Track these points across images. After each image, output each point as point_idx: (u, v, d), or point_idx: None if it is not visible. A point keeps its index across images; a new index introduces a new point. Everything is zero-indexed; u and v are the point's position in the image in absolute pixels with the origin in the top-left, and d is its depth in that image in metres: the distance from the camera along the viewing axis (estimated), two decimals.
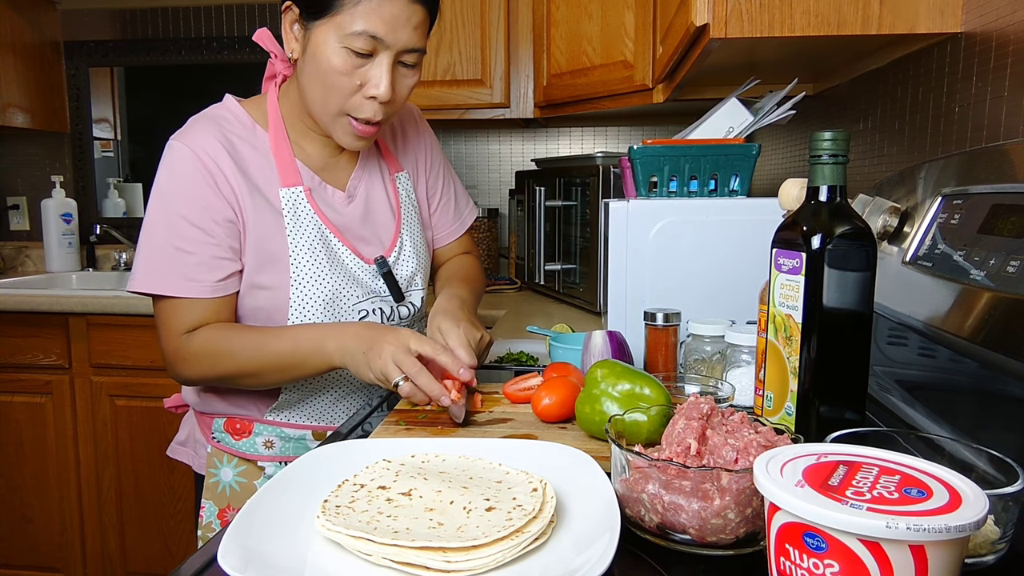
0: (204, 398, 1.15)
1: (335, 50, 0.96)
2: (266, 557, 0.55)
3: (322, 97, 1.00)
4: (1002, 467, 0.54)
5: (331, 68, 0.96)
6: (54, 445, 2.28)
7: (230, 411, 1.14)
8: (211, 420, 1.16)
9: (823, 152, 0.69)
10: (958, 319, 0.73)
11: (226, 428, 1.14)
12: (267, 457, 1.14)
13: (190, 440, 1.22)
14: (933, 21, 1.00)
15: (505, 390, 1.01)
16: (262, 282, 1.05)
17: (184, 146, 1.02)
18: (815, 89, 1.61)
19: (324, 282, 1.06)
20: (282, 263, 1.04)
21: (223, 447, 1.14)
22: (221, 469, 1.15)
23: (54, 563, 2.32)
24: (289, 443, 1.14)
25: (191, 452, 1.21)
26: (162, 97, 2.89)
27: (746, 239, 1.20)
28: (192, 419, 1.22)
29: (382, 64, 0.97)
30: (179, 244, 1.01)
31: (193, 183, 1.01)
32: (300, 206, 1.06)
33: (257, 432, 1.14)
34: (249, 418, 1.14)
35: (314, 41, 0.97)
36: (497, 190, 2.78)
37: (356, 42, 0.95)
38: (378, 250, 1.13)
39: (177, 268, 1.01)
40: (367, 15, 0.94)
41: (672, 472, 0.56)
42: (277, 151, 1.07)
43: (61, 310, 2.19)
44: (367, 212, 1.14)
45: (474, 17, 2.25)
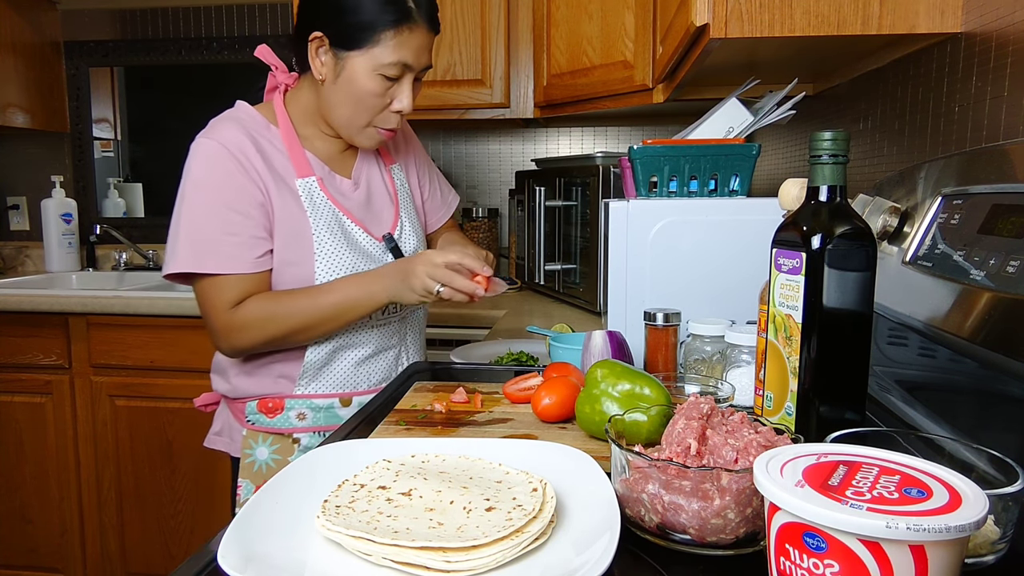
0: (236, 385, 1.25)
1: (370, 76, 1.13)
2: (266, 557, 0.55)
3: (353, 114, 1.17)
4: (1002, 467, 0.54)
5: (367, 91, 1.14)
6: (54, 445, 2.28)
7: (262, 392, 1.24)
8: (244, 405, 1.25)
9: (823, 152, 0.69)
10: (958, 319, 0.73)
11: (259, 409, 1.24)
12: (301, 428, 1.25)
13: (225, 429, 1.31)
14: (933, 21, 1.00)
15: (505, 390, 1.01)
16: (290, 259, 1.17)
17: (214, 141, 1.14)
18: (815, 89, 1.61)
19: (342, 257, 1.19)
20: (306, 241, 1.17)
21: (257, 428, 1.25)
22: (256, 449, 1.25)
23: (54, 564, 2.32)
24: (320, 412, 1.25)
25: (227, 440, 1.31)
26: (162, 97, 2.89)
27: (746, 239, 1.20)
28: (225, 410, 1.32)
29: (406, 84, 1.16)
30: (222, 227, 1.13)
31: (228, 172, 1.13)
32: (315, 193, 1.20)
33: (289, 407, 1.24)
34: (280, 395, 1.24)
35: (349, 69, 1.13)
36: (497, 190, 2.78)
37: (390, 70, 1.12)
38: (383, 229, 1.28)
39: (221, 248, 1.12)
40: (398, 47, 1.11)
41: (672, 472, 0.56)
42: (290, 146, 1.20)
43: (61, 310, 2.19)
44: (370, 197, 1.29)
45: (474, 17, 2.25)
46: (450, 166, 2.79)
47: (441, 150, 2.79)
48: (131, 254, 2.86)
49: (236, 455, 1.28)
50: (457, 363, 1.33)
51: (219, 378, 1.28)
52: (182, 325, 2.16)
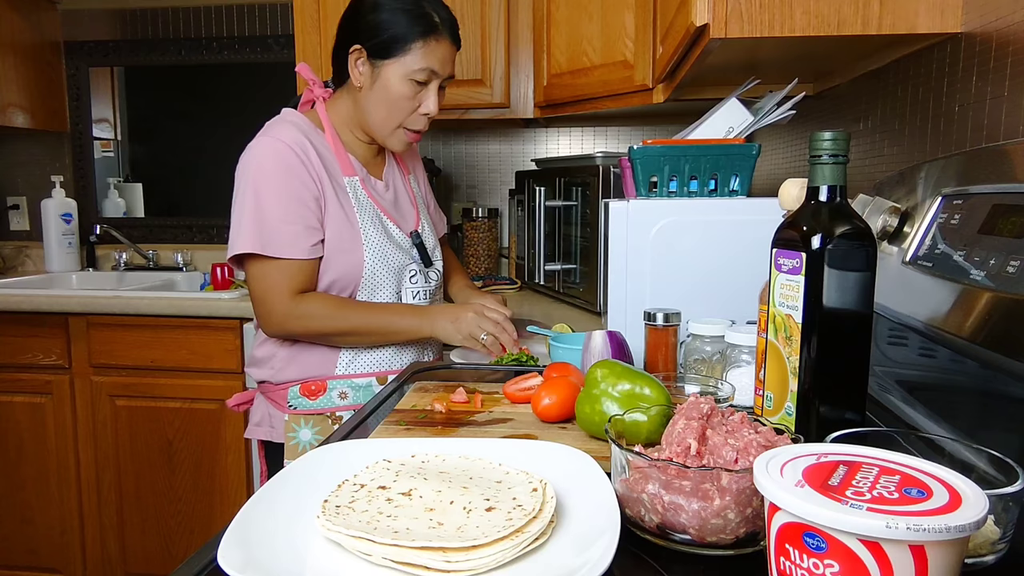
0: (280, 367, 1.37)
1: (402, 81, 1.30)
2: (266, 557, 0.55)
3: (387, 116, 1.33)
4: (1002, 467, 0.54)
5: (400, 95, 1.31)
6: (54, 445, 2.28)
7: (305, 376, 1.37)
8: (286, 392, 1.38)
9: (823, 152, 0.69)
10: (958, 319, 0.73)
11: (302, 393, 1.37)
12: (344, 407, 1.38)
13: (264, 420, 1.42)
14: (933, 21, 1.00)
15: (505, 390, 1.01)
16: (343, 247, 1.32)
17: (276, 140, 1.28)
18: (815, 89, 1.61)
19: (384, 247, 1.35)
20: (355, 232, 1.33)
21: (300, 411, 1.37)
22: (300, 431, 1.37)
23: (54, 564, 2.32)
24: (359, 391, 1.38)
25: (267, 428, 1.42)
26: (162, 97, 2.89)
27: (746, 239, 1.20)
28: (262, 402, 1.43)
29: (433, 90, 1.33)
30: (285, 215, 1.26)
31: (291, 166, 1.27)
32: (358, 191, 1.36)
33: (332, 388, 1.37)
34: (323, 377, 1.37)
35: (384, 75, 1.30)
36: (497, 190, 2.78)
37: (419, 76, 1.30)
38: (408, 227, 1.45)
39: (284, 234, 1.26)
40: (426, 56, 1.29)
41: (672, 472, 0.56)
42: (336, 149, 1.36)
43: (61, 310, 2.19)
44: (396, 198, 1.46)
45: (474, 17, 2.25)
46: (450, 166, 2.79)
47: (441, 150, 2.79)
48: (131, 254, 2.86)
49: (277, 440, 1.40)
50: (457, 363, 1.33)
51: (261, 368, 1.40)
52: (182, 325, 2.16)
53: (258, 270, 1.28)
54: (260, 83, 2.78)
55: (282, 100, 1.47)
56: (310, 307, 1.28)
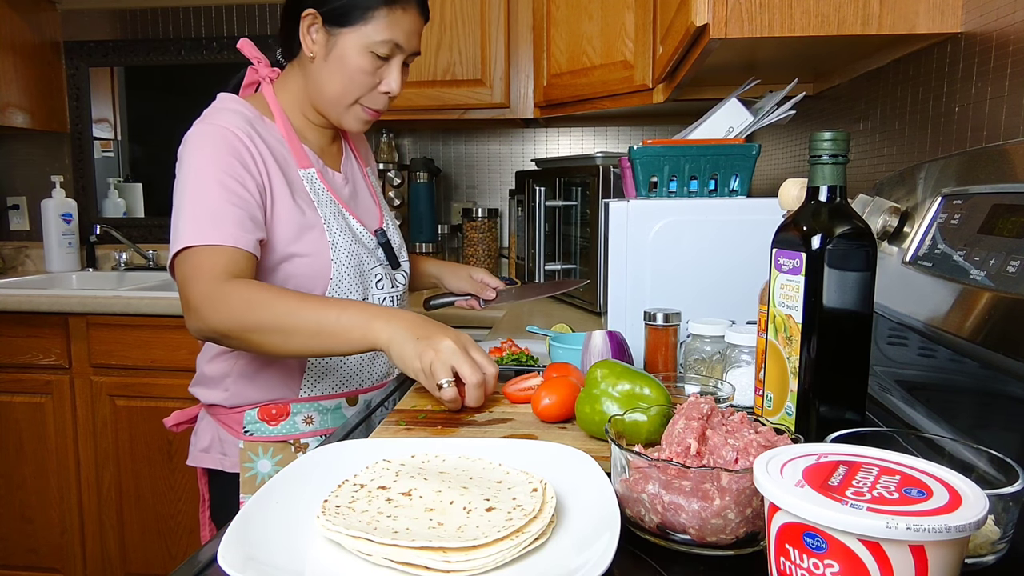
0: (236, 390, 1.19)
1: (362, 54, 1.13)
2: (266, 557, 0.55)
3: (342, 91, 1.16)
4: (1002, 467, 0.54)
5: (357, 68, 1.14)
6: (54, 445, 2.28)
7: (264, 398, 1.19)
8: (241, 416, 1.19)
9: (823, 152, 0.69)
10: (958, 319, 0.73)
11: (260, 417, 1.19)
12: (309, 433, 1.21)
13: (215, 444, 1.23)
14: (933, 21, 1.00)
15: (505, 390, 1.01)
16: (300, 250, 1.14)
17: (217, 125, 1.11)
18: (815, 89, 1.61)
19: (351, 247, 1.19)
20: (317, 230, 1.16)
21: (257, 438, 1.19)
22: (258, 462, 1.19)
23: (54, 564, 2.32)
24: (327, 414, 1.23)
25: (218, 455, 1.22)
26: (162, 97, 2.89)
27: (746, 239, 1.20)
28: (211, 424, 1.24)
29: (395, 66, 1.18)
30: (225, 200, 1.06)
31: (233, 151, 1.09)
32: (317, 185, 1.20)
33: (295, 411, 1.21)
34: (284, 400, 1.20)
35: (340, 45, 1.13)
36: (497, 190, 2.78)
37: (381, 48, 1.14)
38: (371, 224, 1.29)
39: (230, 220, 1.05)
40: (390, 26, 1.13)
41: (672, 472, 0.56)
42: (288, 138, 1.19)
43: (61, 310, 2.19)
44: (356, 193, 1.31)
45: (474, 17, 2.25)
46: (450, 166, 2.79)
47: (441, 150, 2.79)
48: (131, 254, 2.86)
49: (230, 471, 1.21)
50: None
51: (209, 389, 1.21)
52: (182, 325, 2.15)
53: (187, 260, 1.05)
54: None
55: None
56: (233, 291, 1.01)
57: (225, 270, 1.03)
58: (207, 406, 1.25)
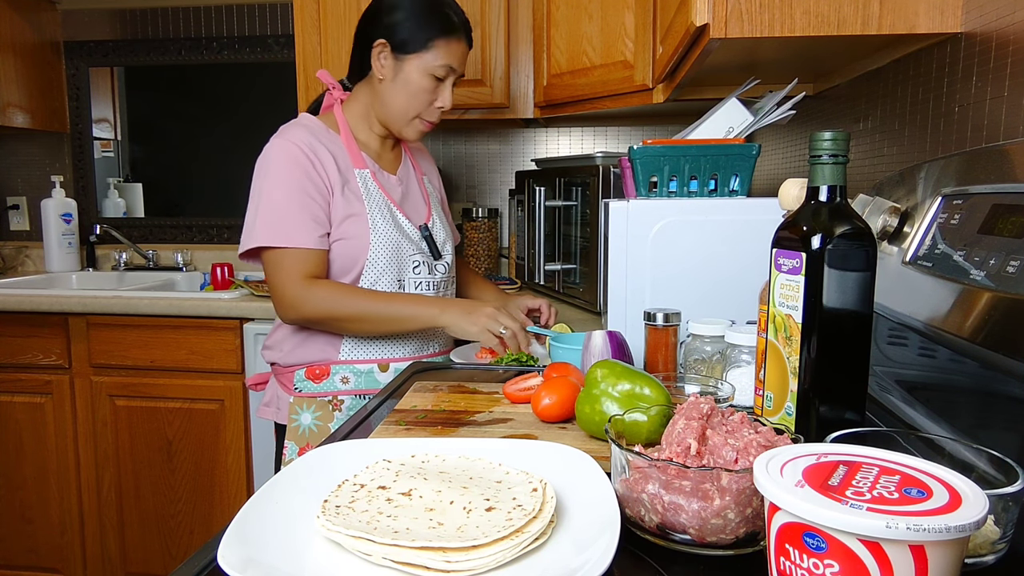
0: (288, 353, 1.45)
1: (423, 75, 1.40)
2: (266, 557, 0.55)
3: (406, 108, 1.43)
4: (1002, 467, 0.54)
5: (420, 88, 1.41)
6: (54, 445, 2.28)
7: (310, 360, 1.44)
8: (292, 375, 1.44)
9: (823, 152, 0.69)
10: (958, 319, 0.73)
11: (307, 376, 1.44)
12: (345, 391, 1.44)
13: (273, 400, 1.51)
14: (933, 21, 1.00)
15: (505, 390, 1.01)
16: (344, 234, 1.38)
17: (288, 142, 1.37)
18: (815, 89, 1.61)
19: (390, 235, 1.42)
20: (362, 219, 1.39)
21: (304, 395, 1.44)
22: (301, 415, 1.43)
23: (54, 564, 2.32)
24: (361, 376, 1.44)
25: (275, 409, 1.50)
26: (162, 97, 2.89)
27: (746, 239, 1.20)
28: (274, 383, 1.52)
29: (448, 85, 1.44)
30: (292, 208, 1.34)
31: (302, 164, 1.35)
32: (369, 183, 1.44)
33: (334, 372, 1.43)
34: (326, 362, 1.44)
35: (406, 69, 1.40)
36: (497, 190, 2.78)
37: (439, 71, 1.40)
38: (419, 220, 1.52)
39: (292, 225, 1.33)
40: (447, 54, 1.40)
41: (672, 472, 0.56)
42: (349, 146, 1.45)
43: (61, 310, 2.19)
44: (409, 193, 1.54)
45: (474, 17, 2.24)
46: (450, 166, 2.79)
47: (441, 150, 2.79)
48: (131, 254, 2.86)
49: (282, 422, 1.47)
50: (457, 363, 1.33)
51: (273, 351, 1.48)
52: (182, 325, 2.16)
53: (272, 260, 1.36)
54: (260, 83, 2.78)
55: (282, 100, 1.50)
56: (321, 290, 1.34)
57: (304, 270, 1.34)
58: (271, 365, 1.52)
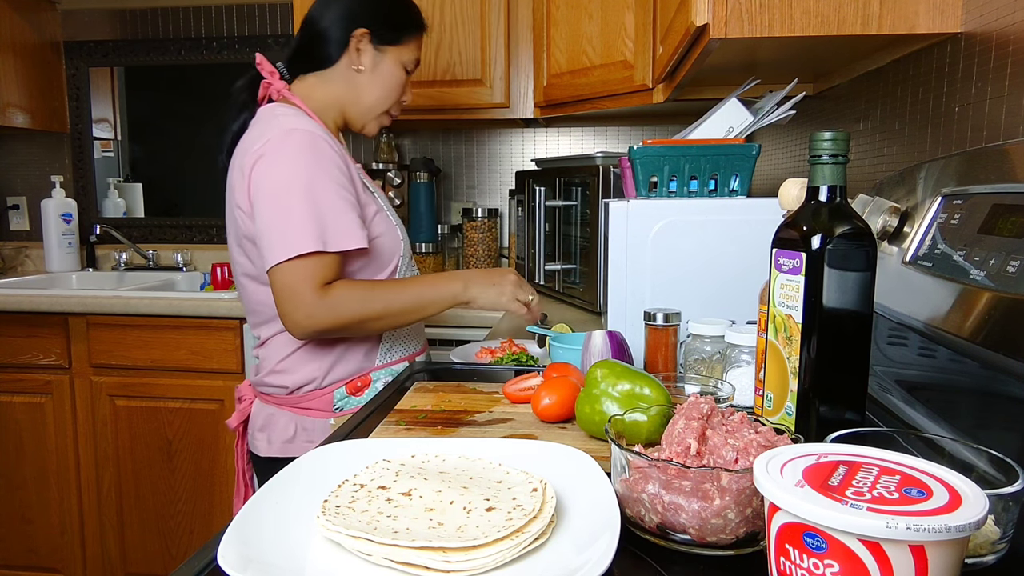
0: (328, 369, 1.30)
1: (399, 68, 1.37)
2: (266, 557, 0.55)
3: (380, 99, 1.37)
4: (1002, 467, 0.54)
5: (396, 80, 1.37)
6: (54, 445, 2.28)
7: (351, 373, 1.32)
8: (330, 395, 1.31)
9: (823, 152, 0.69)
10: (958, 319, 0.73)
11: (348, 392, 1.32)
12: None
13: (299, 433, 1.32)
14: (933, 21, 1.00)
15: (505, 390, 1.01)
16: (376, 232, 1.29)
17: (306, 130, 1.22)
18: (815, 89, 1.61)
19: (402, 227, 1.38)
20: (382, 214, 1.32)
21: (347, 412, 1.31)
22: None
23: (54, 564, 2.32)
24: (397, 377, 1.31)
25: (303, 443, 1.31)
26: (162, 97, 2.89)
27: (746, 239, 1.20)
28: (289, 415, 1.32)
29: (409, 79, 1.40)
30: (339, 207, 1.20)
31: (328, 156, 1.22)
32: (362, 176, 1.36)
33: (376, 379, 1.34)
34: (366, 371, 1.34)
35: (387, 61, 1.35)
36: (497, 190, 2.78)
37: (410, 64, 1.38)
38: None
39: (341, 227, 1.20)
40: (416, 48, 1.39)
41: (672, 472, 0.56)
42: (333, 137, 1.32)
43: (61, 310, 2.19)
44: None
45: (474, 17, 2.25)
46: (450, 166, 2.79)
47: (441, 150, 2.79)
48: (131, 254, 2.86)
49: None
50: (457, 363, 1.33)
51: (294, 374, 1.29)
52: (182, 325, 2.16)
53: (293, 267, 1.17)
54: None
55: None
56: (339, 294, 1.19)
57: (322, 276, 1.18)
58: (286, 395, 1.31)
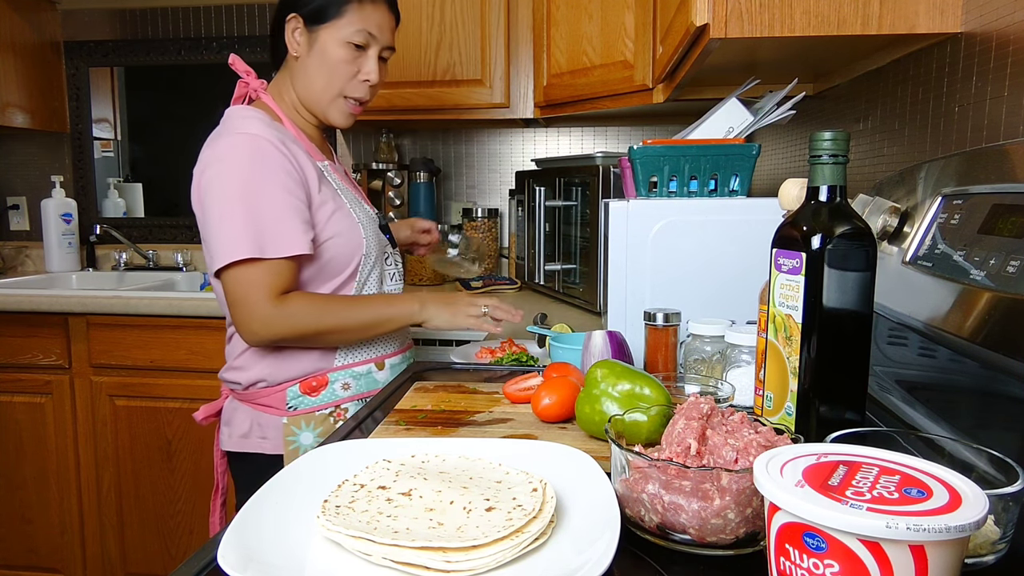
0: (277, 369, 1.28)
1: (339, 44, 1.26)
2: (266, 557, 0.55)
3: (327, 83, 1.29)
4: (1002, 467, 0.54)
5: (338, 59, 1.27)
6: (54, 445, 2.28)
7: (305, 372, 1.29)
8: (283, 393, 1.28)
9: (823, 152, 0.69)
10: (958, 319, 0.73)
11: (303, 391, 1.29)
12: (347, 398, 1.32)
13: (254, 428, 1.31)
14: (933, 21, 1.00)
15: (505, 390, 1.01)
16: (335, 232, 1.26)
17: (253, 134, 1.20)
18: (815, 89, 1.61)
19: (371, 226, 1.34)
20: (344, 212, 1.29)
21: (300, 412, 1.29)
22: (300, 435, 1.29)
23: (54, 564, 2.32)
24: (360, 379, 1.33)
25: (258, 439, 1.30)
26: (162, 97, 2.89)
27: (746, 239, 1.20)
28: (247, 410, 1.31)
29: (372, 56, 1.30)
30: (280, 214, 1.18)
31: (277, 160, 1.20)
32: (330, 174, 1.33)
33: (333, 380, 1.31)
34: (323, 371, 1.30)
35: (320, 40, 1.27)
36: (497, 190, 2.78)
37: (356, 37, 1.26)
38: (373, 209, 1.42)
39: (283, 234, 1.17)
40: (362, 18, 1.27)
41: (672, 472, 0.56)
42: (298, 136, 1.30)
43: (61, 310, 2.19)
44: (351, 182, 1.44)
45: (474, 17, 2.25)
46: (450, 166, 2.79)
47: (441, 150, 2.79)
48: (131, 254, 2.86)
49: (271, 452, 1.29)
50: (457, 363, 1.33)
51: (247, 371, 1.28)
52: (182, 325, 2.16)
53: (241, 274, 1.17)
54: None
55: None
56: (295, 305, 1.18)
57: (278, 284, 1.17)
58: (242, 391, 1.31)
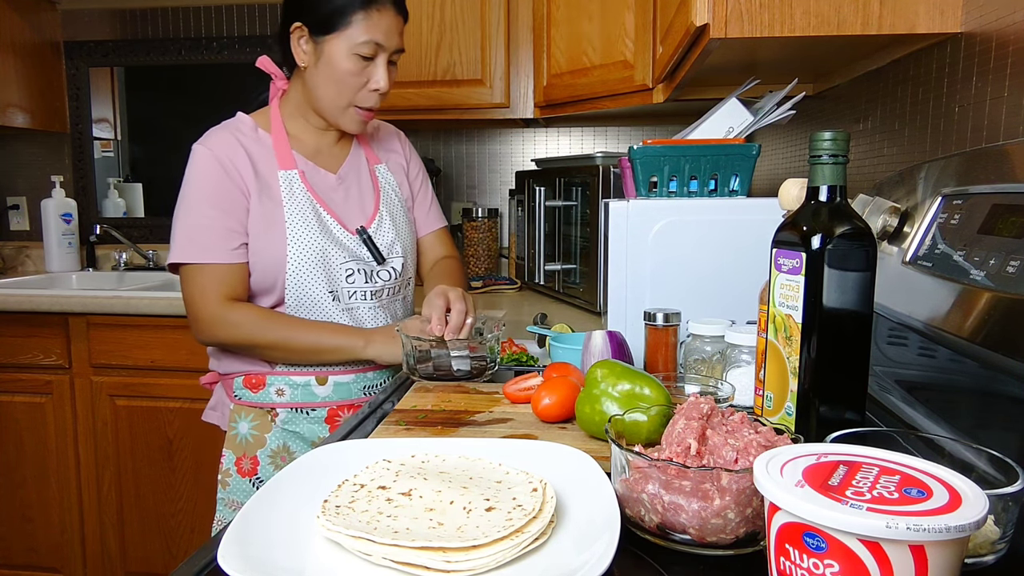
0: (224, 361, 1.37)
1: (346, 56, 1.25)
2: (266, 557, 0.55)
3: (336, 94, 1.28)
4: (1002, 467, 0.54)
5: (346, 71, 1.26)
6: (54, 445, 2.28)
7: (245, 369, 1.35)
8: (232, 382, 1.37)
9: (823, 152, 0.69)
10: (958, 319, 0.73)
11: (244, 384, 1.36)
12: (280, 404, 1.35)
13: (219, 404, 1.44)
14: (933, 21, 1.00)
15: (505, 390, 1.01)
16: (262, 242, 1.28)
17: (203, 147, 1.29)
18: (815, 89, 1.61)
19: (315, 243, 1.30)
20: (278, 228, 1.28)
21: (243, 402, 1.36)
22: (240, 423, 1.36)
23: (54, 563, 2.32)
24: (297, 389, 1.35)
25: (219, 414, 1.43)
26: (162, 97, 2.89)
27: (746, 239, 1.20)
28: (220, 388, 1.44)
29: (381, 64, 1.28)
30: (201, 221, 1.26)
31: (215, 173, 1.26)
32: (295, 185, 1.31)
33: (270, 383, 1.34)
34: (262, 372, 1.35)
35: (327, 51, 1.25)
36: (497, 190, 2.78)
37: (363, 49, 1.24)
38: (355, 224, 1.37)
39: (202, 241, 1.25)
40: (369, 28, 1.24)
41: (672, 472, 0.56)
42: (278, 144, 1.33)
43: (61, 310, 2.19)
44: (352, 193, 1.39)
45: (474, 17, 2.25)
46: (450, 166, 2.79)
47: (441, 150, 2.79)
48: (131, 254, 2.86)
49: (225, 427, 1.40)
50: None
51: (214, 358, 1.41)
52: (182, 325, 2.16)
53: (187, 276, 1.28)
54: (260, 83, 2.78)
55: None
56: (240, 314, 1.27)
57: (222, 290, 1.26)
58: (213, 370, 1.43)
